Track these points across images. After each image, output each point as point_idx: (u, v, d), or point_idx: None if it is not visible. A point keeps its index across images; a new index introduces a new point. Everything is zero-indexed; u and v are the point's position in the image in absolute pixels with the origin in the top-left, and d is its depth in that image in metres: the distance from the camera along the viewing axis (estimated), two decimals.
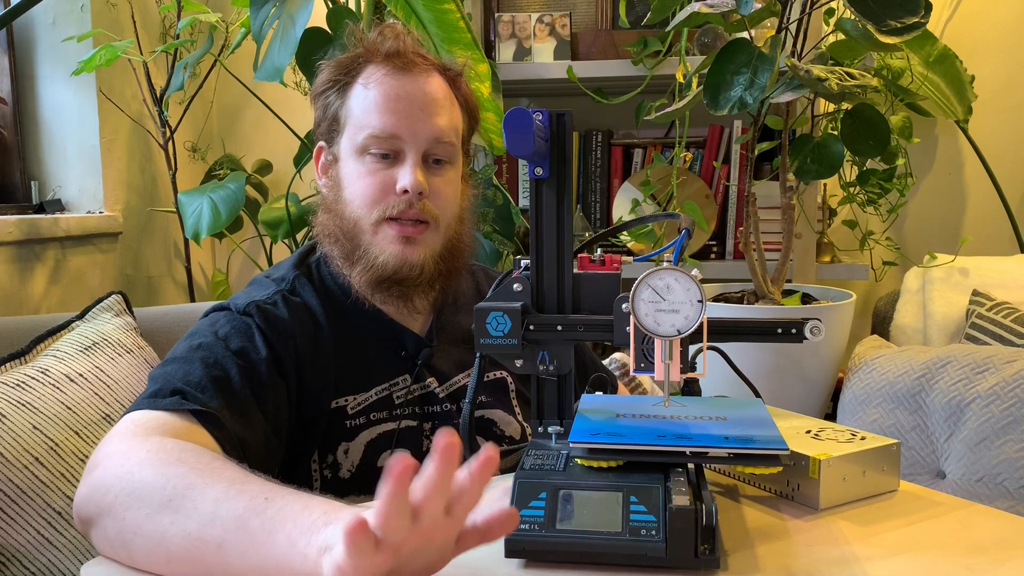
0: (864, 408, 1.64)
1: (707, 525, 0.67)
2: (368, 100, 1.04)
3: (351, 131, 1.05)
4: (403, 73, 1.05)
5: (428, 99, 1.05)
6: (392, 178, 1.03)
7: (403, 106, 1.03)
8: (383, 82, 1.04)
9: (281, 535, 0.66)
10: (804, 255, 1.97)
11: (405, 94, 1.04)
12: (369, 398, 1.03)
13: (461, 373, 1.09)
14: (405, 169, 1.03)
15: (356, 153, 1.04)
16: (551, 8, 2.16)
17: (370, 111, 1.04)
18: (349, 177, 1.06)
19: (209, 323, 1.00)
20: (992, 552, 0.72)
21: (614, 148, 2.20)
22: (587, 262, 0.85)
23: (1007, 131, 2.20)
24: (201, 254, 2.37)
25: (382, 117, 1.03)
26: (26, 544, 1.11)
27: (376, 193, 1.03)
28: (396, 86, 1.04)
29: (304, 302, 1.05)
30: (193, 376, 0.90)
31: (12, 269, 1.73)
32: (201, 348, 0.95)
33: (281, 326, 1.00)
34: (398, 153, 1.04)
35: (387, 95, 1.03)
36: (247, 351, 0.96)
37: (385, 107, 1.03)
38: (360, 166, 1.04)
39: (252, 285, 1.09)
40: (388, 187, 1.03)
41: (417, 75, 1.05)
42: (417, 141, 1.03)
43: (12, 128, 1.94)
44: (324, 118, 1.09)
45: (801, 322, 0.78)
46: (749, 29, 1.53)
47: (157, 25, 2.20)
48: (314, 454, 1.01)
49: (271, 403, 0.95)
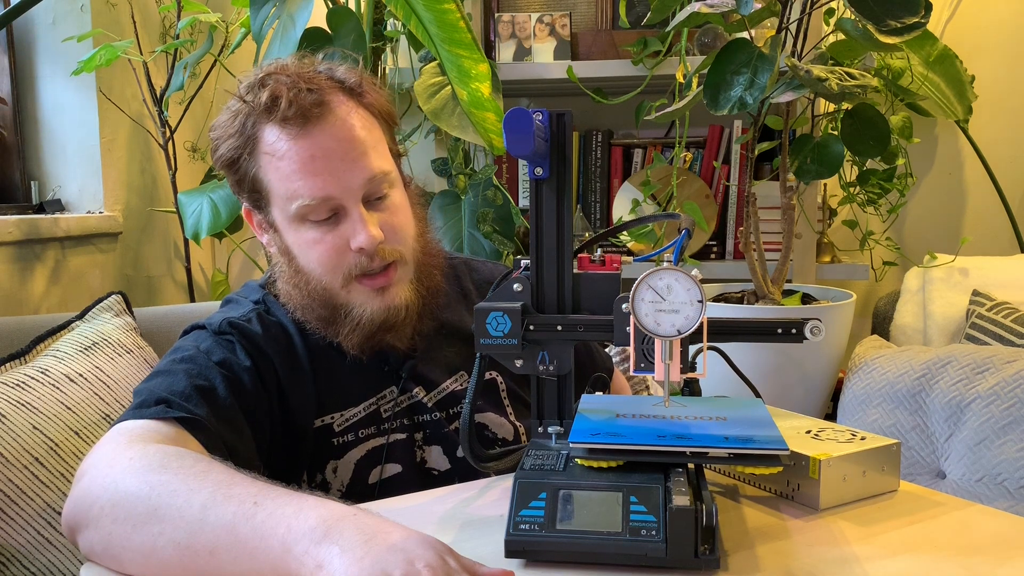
0: (864, 408, 1.64)
1: (707, 525, 0.67)
2: (284, 169, 0.95)
3: (279, 202, 0.98)
4: (307, 128, 0.95)
5: (345, 145, 0.96)
6: (343, 238, 0.97)
7: (323, 164, 0.95)
8: (292, 146, 0.95)
9: (274, 540, 0.66)
10: (804, 255, 1.97)
11: (320, 151, 0.95)
12: (357, 414, 1.02)
13: (449, 379, 1.07)
14: (354, 226, 0.96)
15: (294, 223, 0.98)
16: (551, 8, 2.16)
17: (292, 179, 0.95)
18: (297, 247, 0.99)
19: (191, 339, 1.00)
20: (992, 552, 0.72)
21: (614, 148, 2.20)
22: (587, 262, 0.85)
23: (1007, 131, 2.20)
24: (201, 254, 2.37)
25: (307, 182, 0.95)
26: (26, 544, 1.11)
27: (333, 258, 0.97)
28: (307, 146, 0.95)
29: (278, 320, 1.03)
30: (177, 386, 0.90)
31: (12, 269, 1.73)
32: (184, 361, 0.94)
33: (258, 342, 0.99)
34: (338, 210, 0.97)
35: (302, 159, 0.95)
36: (230, 362, 0.95)
37: (304, 171, 0.95)
38: (304, 235, 0.98)
39: (226, 305, 1.08)
40: (343, 249, 0.97)
41: (322, 123, 0.95)
42: (352, 192, 0.96)
43: (12, 128, 1.94)
44: (242, 189, 1.01)
45: (801, 322, 0.78)
46: (749, 29, 1.53)
47: (157, 25, 2.20)
48: (302, 475, 1.00)
49: (256, 412, 0.95)
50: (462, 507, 0.84)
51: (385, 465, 1.01)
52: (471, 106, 1.60)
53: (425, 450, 1.03)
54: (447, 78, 1.63)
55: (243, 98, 0.98)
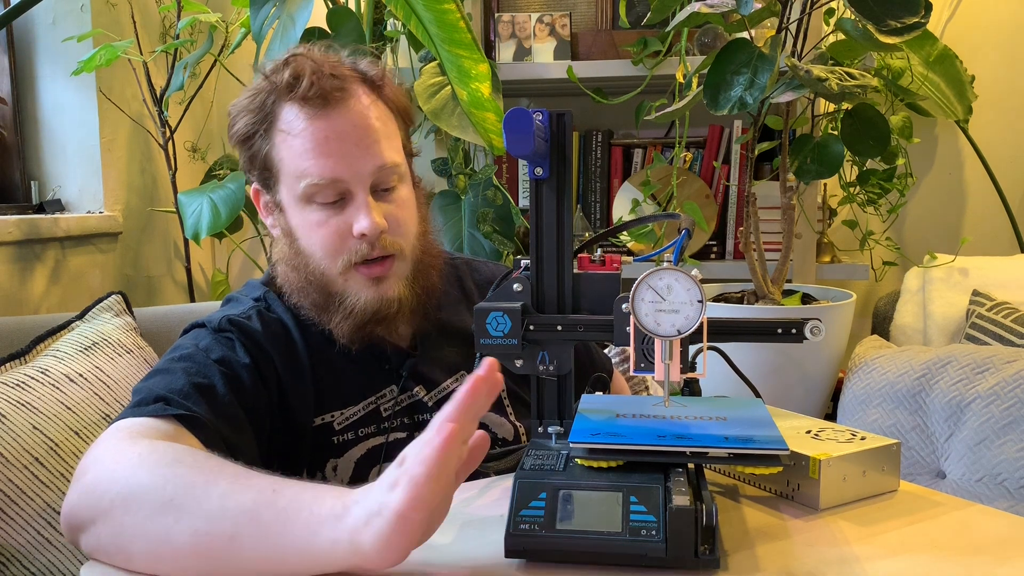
0: (864, 408, 1.64)
1: (707, 525, 0.67)
2: (297, 147, 0.97)
3: (289, 181, 0.99)
4: (325, 110, 0.97)
5: (360, 131, 0.97)
6: (346, 223, 0.98)
7: (336, 146, 0.96)
8: (308, 126, 0.96)
9: (298, 524, 0.67)
10: (804, 255, 1.97)
11: (335, 133, 0.96)
12: (356, 413, 1.02)
13: (450, 378, 1.08)
14: (359, 211, 0.97)
15: (301, 202, 0.99)
16: (551, 8, 2.16)
17: (304, 158, 0.97)
18: (301, 229, 1.00)
19: (191, 338, 1.00)
20: (992, 552, 0.72)
21: (614, 148, 2.20)
22: (587, 262, 0.85)
23: (1007, 131, 2.20)
24: (201, 254, 2.37)
25: (318, 162, 0.96)
26: (26, 544, 1.11)
27: (334, 242, 0.98)
28: (323, 127, 0.96)
29: (279, 317, 1.03)
30: (176, 385, 0.89)
31: (12, 269, 1.73)
32: (183, 359, 0.94)
33: (258, 339, 0.99)
34: (345, 195, 0.98)
35: (316, 139, 0.96)
36: (229, 360, 0.95)
37: (317, 151, 0.96)
38: (309, 216, 0.99)
39: (227, 303, 1.08)
40: (345, 233, 0.98)
41: (340, 107, 0.97)
42: (361, 178, 0.97)
43: (12, 128, 1.94)
44: (254, 166, 1.02)
45: (801, 322, 0.78)
46: (749, 29, 1.53)
47: (157, 25, 2.20)
48: (302, 473, 1.00)
49: (255, 410, 0.95)
50: (462, 507, 0.84)
51: (385, 464, 1.01)
52: (471, 106, 1.60)
53: None
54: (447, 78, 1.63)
55: (267, 76, 1.00)
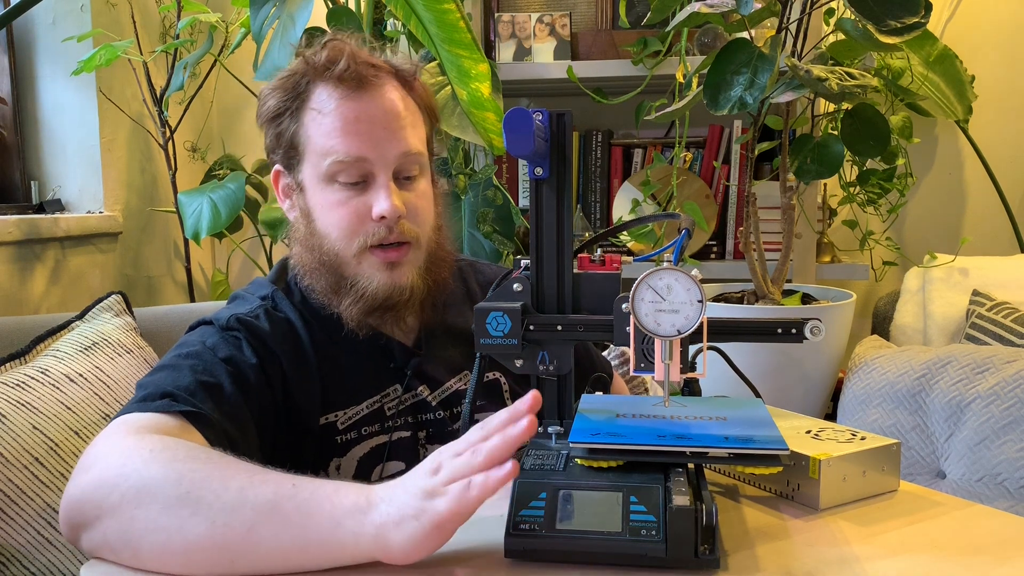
0: (864, 408, 1.64)
1: (707, 525, 0.67)
2: (326, 126, 0.99)
3: (313, 159, 1.00)
4: (358, 92, 0.99)
5: (389, 116, 1.00)
6: (366, 205, 0.99)
7: (365, 128, 0.98)
8: (339, 106, 0.99)
9: (321, 516, 0.68)
10: (804, 255, 1.97)
11: (365, 115, 0.99)
12: (360, 412, 1.02)
13: (453, 378, 1.08)
14: (379, 194, 0.99)
15: (323, 181, 1.00)
16: (551, 8, 2.16)
17: (331, 136, 0.98)
18: (320, 208, 1.01)
19: (197, 335, 1.00)
20: (992, 552, 0.72)
21: (614, 148, 2.20)
22: (587, 262, 0.85)
23: (1007, 131, 2.20)
24: (201, 254, 2.37)
25: (346, 141, 0.98)
26: (26, 544, 1.12)
27: (352, 223, 0.99)
28: (354, 108, 0.99)
29: (286, 316, 1.03)
30: (182, 382, 0.89)
31: (12, 269, 1.73)
32: (189, 357, 0.94)
33: (265, 339, 0.99)
34: (368, 177, 0.99)
35: (346, 118, 0.98)
36: (235, 358, 0.95)
37: (346, 131, 0.98)
38: (330, 195, 1.00)
39: (233, 301, 1.08)
40: (364, 215, 0.99)
41: (372, 92, 1.00)
42: (386, 162, 0.99)
43: (12, 128, 1.94)
44: (279, 145, 1.04)
45: (801, 322, 0.78)
46: (749, 29, 1.53)
47: (157, 25, 2.20)
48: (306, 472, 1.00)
49: (261, 410, 0.95)
50: None
51: (388, 463, 1.01)
52: (471, 106, 1.60)
53: (428, 448, 1.03)
54: (447, 78, 1.63)
55: (306, 57, 1.02)
